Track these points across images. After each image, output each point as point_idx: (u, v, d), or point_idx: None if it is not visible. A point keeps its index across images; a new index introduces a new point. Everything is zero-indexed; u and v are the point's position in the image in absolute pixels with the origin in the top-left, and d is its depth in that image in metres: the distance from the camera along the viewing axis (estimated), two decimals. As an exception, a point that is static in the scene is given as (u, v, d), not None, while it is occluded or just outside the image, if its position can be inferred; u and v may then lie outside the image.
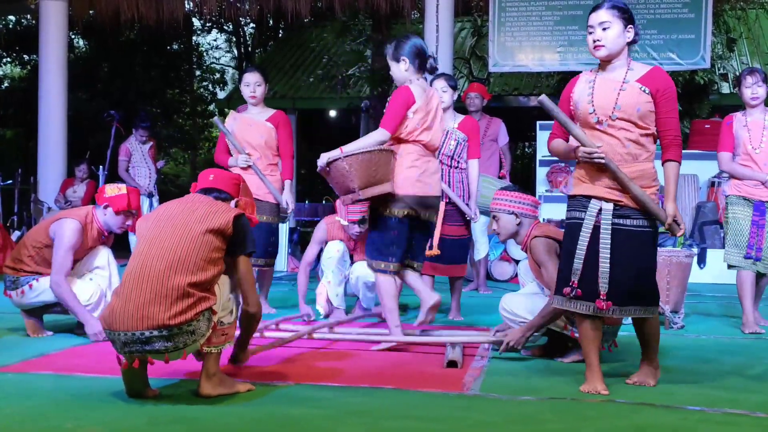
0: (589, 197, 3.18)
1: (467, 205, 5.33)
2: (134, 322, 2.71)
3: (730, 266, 5.00)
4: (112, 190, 4.34)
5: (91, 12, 11.41)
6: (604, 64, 3.33)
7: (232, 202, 3.14)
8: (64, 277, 4.12)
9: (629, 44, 3.37)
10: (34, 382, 3.19)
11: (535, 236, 3.77)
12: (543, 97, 3.25)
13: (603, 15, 3.28)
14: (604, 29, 3.26)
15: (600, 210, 3.14)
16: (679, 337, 4.64)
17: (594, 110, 3.21)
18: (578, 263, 3.14)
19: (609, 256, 3.10)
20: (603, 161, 3.11)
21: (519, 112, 13.36)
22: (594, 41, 3.27)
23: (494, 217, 3.96)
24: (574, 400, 2.97)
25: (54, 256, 4.13)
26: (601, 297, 3.11)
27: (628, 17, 3.34)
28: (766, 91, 4.95)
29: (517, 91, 13.40)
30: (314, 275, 5.67)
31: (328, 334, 4.28)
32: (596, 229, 3.14)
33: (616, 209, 3.14)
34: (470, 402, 2.97)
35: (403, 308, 5.66)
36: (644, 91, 3.22)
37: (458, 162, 5.36)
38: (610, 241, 3.11)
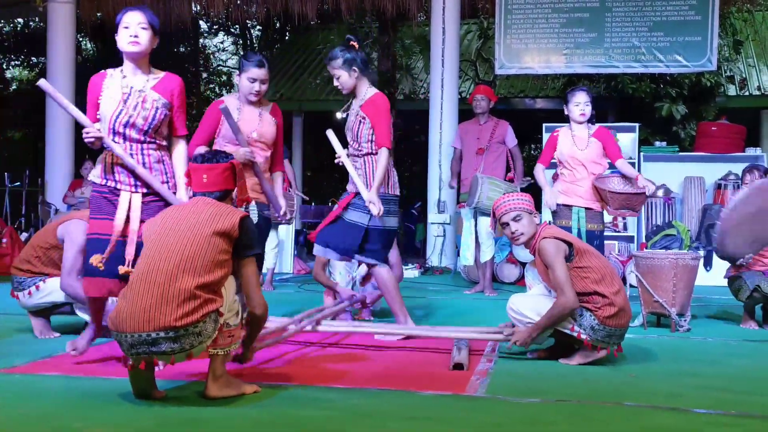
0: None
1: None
2: (141, 323, 2.72)
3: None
4: None
5: (98, 14, 11.47)
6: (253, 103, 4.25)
7: (234, 192, 3.17)
8: (75, 278, 4.13)
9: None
10: (41, 382, 3.20)
11: (544, 237, 3.77)
12: (42, 81, 3.59)
13: (264, 74, 4.22)
14: (263, 85, 4.24)
15: None
16: (685, 340, 4.63)
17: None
18: None
19: None
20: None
21: (525, 114, 13.38)
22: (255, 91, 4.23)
23: (516, 217, 3.88)
24: (581, 403, 2.97)
25: (64, 257, 4.14)
26: None
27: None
28: None
29: (523, 94, 13.40)
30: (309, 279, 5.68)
31: (339, 327, 4.31)
32: None
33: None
34: (476, 404, 2.97)
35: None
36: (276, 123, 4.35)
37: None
38: None
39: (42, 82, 3.60)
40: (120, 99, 3.52)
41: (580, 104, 5.43)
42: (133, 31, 3.52)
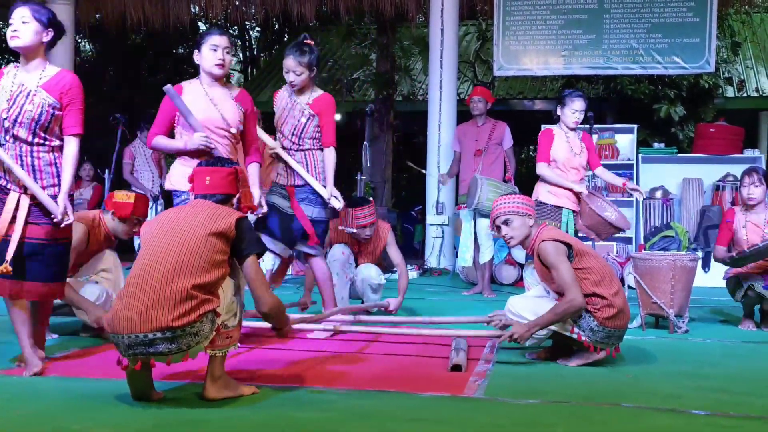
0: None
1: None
2: (138, 324, 2.72)
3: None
4: (120, 196, 4.37)
5: (97, 15, 11.48)
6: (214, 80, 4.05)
7: (235, 198, 3.17)
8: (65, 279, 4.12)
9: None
10: (39, 384, 3.20)
11: (543, 239, 3.77)
12: (168, 86, 3.78)
13: (227, 41, 4.03)
14: (227, 53, 4.04)
15: None
16: (683, 341, 4.63)
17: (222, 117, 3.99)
18: None
19: None
20: (214, 147, 3.87)
21: (524, 115, 13.37)
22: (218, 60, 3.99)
23: (506, 221, 3.91)
24: (579, 404, 2.97)
25: None
26: None
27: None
28: (763, 191, 5.16)
29: (522, 95, 13.41)
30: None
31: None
32: None
33: None
34: (475, 405, 2.97)
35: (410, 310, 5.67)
36: (241, 109, 4.06)
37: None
38: None
39: None
40: (9, 97, 3.46)
41: (577, 112, 5.39)
42: (15, 26, 3.48)
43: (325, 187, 4.57)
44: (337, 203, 4.57)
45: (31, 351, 3.44)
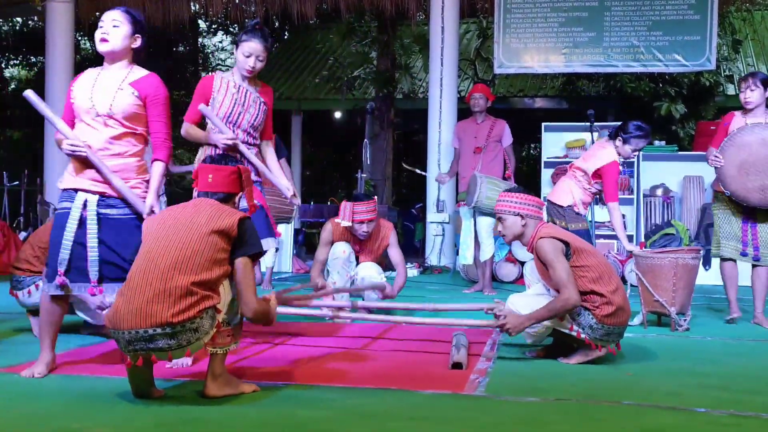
0: (76, 190, 3.41)
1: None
2: (138, 320, 2.72)
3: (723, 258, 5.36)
4: None
5: (97, 13, 11.44)
6: (108, 62, 3.59)
7: (237, 197, 3.16)
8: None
9: (134, 50, 3.61)
10: (39, 382, 3.19)
11: (541, 237, 3.78)
12: (28, 92, 3.52)
13: (115, 14, 3.54)
14: (114, 26, 3.51)
15: (85, 201, 3.40)
16: (684, 339, 4.63)
17: (93, 105, 3.45)
18: (65, 253, 3.36)
19: (96, 243, 3.36)
20: (85, 155, 3.35)
21: (524, 113, 13.37)
22: (102, 35, 3.51)
23: (499, 218, 3.95)
24: (580, 402, 2.97)
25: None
26: (92, 283, 3.37)
27: (139, 27, 3.59)
28: (761, 94, 5.23)
29: (522, 93, 13.40)
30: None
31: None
32: (83, 219, 3.38)
33: (101, 200, 3.41)
34: (476, 403, 2.97)
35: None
36: (134, 94, 3.48)
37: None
38: (96, 229, 3.37)
39: None
40: None
41: (638, 152, 5.55)
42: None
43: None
44: (297, 200, 4.49)
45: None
